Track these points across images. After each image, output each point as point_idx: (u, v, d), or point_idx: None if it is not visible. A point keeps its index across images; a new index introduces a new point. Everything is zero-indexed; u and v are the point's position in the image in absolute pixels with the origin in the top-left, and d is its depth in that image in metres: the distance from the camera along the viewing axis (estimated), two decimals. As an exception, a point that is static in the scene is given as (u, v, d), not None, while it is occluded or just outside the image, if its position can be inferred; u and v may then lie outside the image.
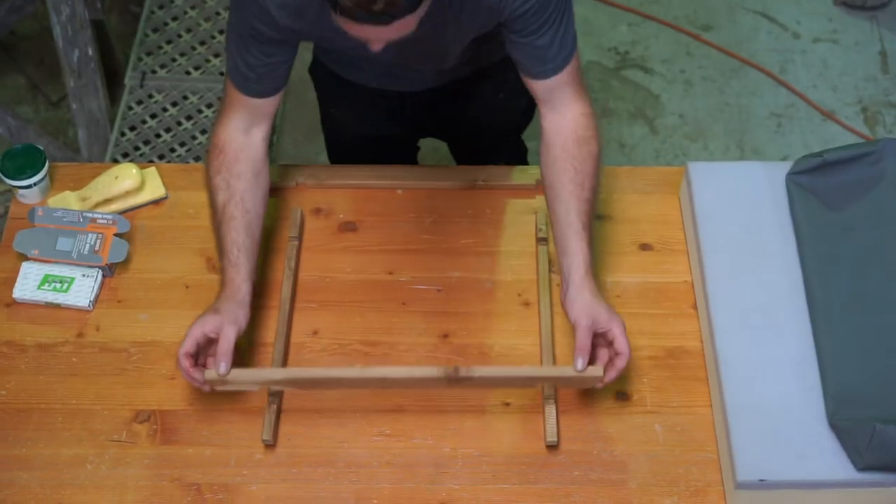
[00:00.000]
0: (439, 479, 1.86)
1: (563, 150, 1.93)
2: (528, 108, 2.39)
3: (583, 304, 1.85)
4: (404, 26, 1.61)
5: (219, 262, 1.92)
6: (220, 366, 1.82)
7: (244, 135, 1.95)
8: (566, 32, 1.88)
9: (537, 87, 1.93)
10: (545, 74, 1.91)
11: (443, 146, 2.60)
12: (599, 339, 1.86)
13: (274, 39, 1.85)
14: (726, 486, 1.83)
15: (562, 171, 1.92)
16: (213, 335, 1.84)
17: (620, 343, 1.83)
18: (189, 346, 1.82)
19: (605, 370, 1.84)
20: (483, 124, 2.36)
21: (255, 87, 1.92)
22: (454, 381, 1.84)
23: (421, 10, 1.60)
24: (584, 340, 1.83)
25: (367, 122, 2.33)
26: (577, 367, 1.82)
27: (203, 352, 1.86)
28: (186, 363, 1.82)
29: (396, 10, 1.56)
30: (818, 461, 1.78)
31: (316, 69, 2.32)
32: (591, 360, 1.85)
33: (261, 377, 1.88)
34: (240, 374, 1.86)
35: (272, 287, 2.06)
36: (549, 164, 1.95)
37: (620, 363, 1.84)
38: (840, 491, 1.79)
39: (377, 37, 1.63)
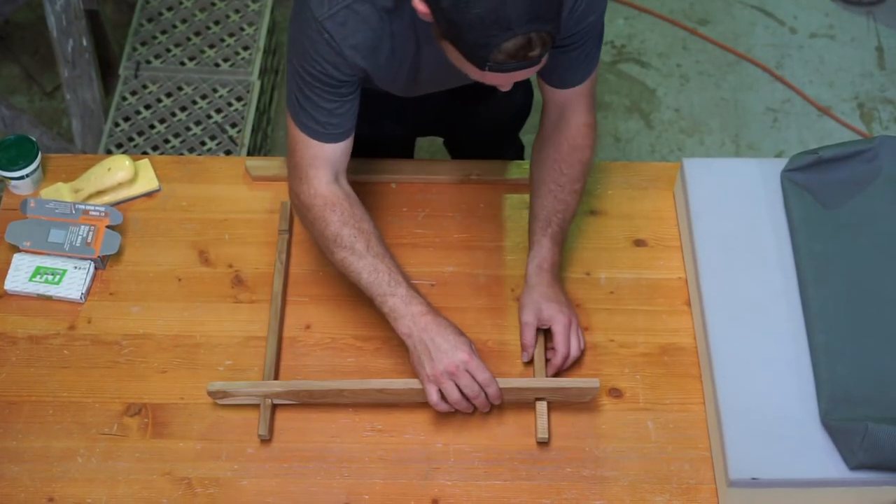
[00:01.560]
0: (431, 475, 1.85)
1: (555, 151, 1.97)
2: (525, 102, 2.39)
3: (529, 300, 1.92)
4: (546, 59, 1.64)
5: (390, 298, 1.84)
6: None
7: (338, 186, 1.91)
8: (596, 48, 1.92)
9: (554, 94, 1.96)
10: (566, 85, 1.94)
11: (438, 140, 2.60)
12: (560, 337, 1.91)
13: (347, 82, 1.83)
14: (718, 484, 1.83)
15: (548, 170, 1.96)
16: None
17: (556, 340, 1.90)
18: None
19: (546, 367, 1.92)
20: (481, 121, 2.35)
21: (336, 132, 1.88)
22: None
23: None
24: (525, 338, 1.92)
25: (367, 124, 2.31)
26: (522, 359, 1.95)
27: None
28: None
29: (547, 49, 1.60)
30: (811, 460, 1.78)
31: None
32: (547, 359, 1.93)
33: (261, 390, 1.88)
34: (241, 386, 1.88)
35: (264, 281, 2.05)
36: (538, 162, 1.99)
37: (555, 360, 1.90)
38: (832, 489, 1.78)
39: (522, 77, 1.65)
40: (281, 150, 3.44)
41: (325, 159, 1.89)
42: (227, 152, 3.08)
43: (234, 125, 3.13)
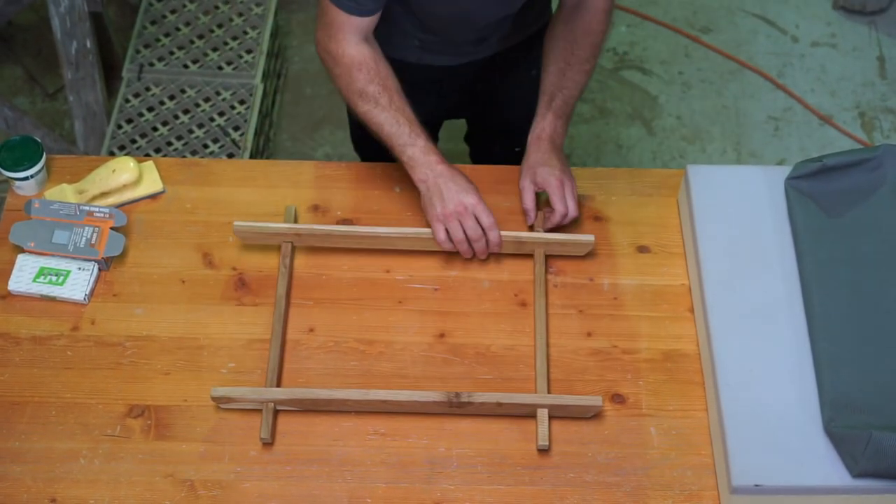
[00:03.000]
0: (434, 479, 1.85)
1: (568, 32, 2.04)
2: None
3: (526, 167, 2.05)
4: None
5: (408, 147, 2.01)
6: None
7: (367, 46, 2.03)
8: None
9: None
10: None
11: (451, 147, 2.59)
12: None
13: None
14: (721, 491, 1.83)
15: (559, 49, 2.05)
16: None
17: (552, 200, 2.01)
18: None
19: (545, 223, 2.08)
20: (513, 106, 2.36)
21: (367, 8, 1.99)
22: (455, 405, 1.87)
23: None
24: (525, 202, 2.06)
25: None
26: (527, 221, 2.06)
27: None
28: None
29: None
30: (814, 467, 1.78)
31: None
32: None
33: (265, 396, 1.88)
34: (245, 393, 1.87)
35: (267, 284, 2.05)
36: (550, 39, 2.08)
37: (554, 218, 2.05)
38: (835, 497, 1.78)
39: None
40: (285, 153, 3.44)
41: (352, 26, 2.00)
42: (230, 155, 3.08)
43: (236, 128, 3.13)
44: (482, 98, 2.37)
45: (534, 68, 2.26)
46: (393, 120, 2.00)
